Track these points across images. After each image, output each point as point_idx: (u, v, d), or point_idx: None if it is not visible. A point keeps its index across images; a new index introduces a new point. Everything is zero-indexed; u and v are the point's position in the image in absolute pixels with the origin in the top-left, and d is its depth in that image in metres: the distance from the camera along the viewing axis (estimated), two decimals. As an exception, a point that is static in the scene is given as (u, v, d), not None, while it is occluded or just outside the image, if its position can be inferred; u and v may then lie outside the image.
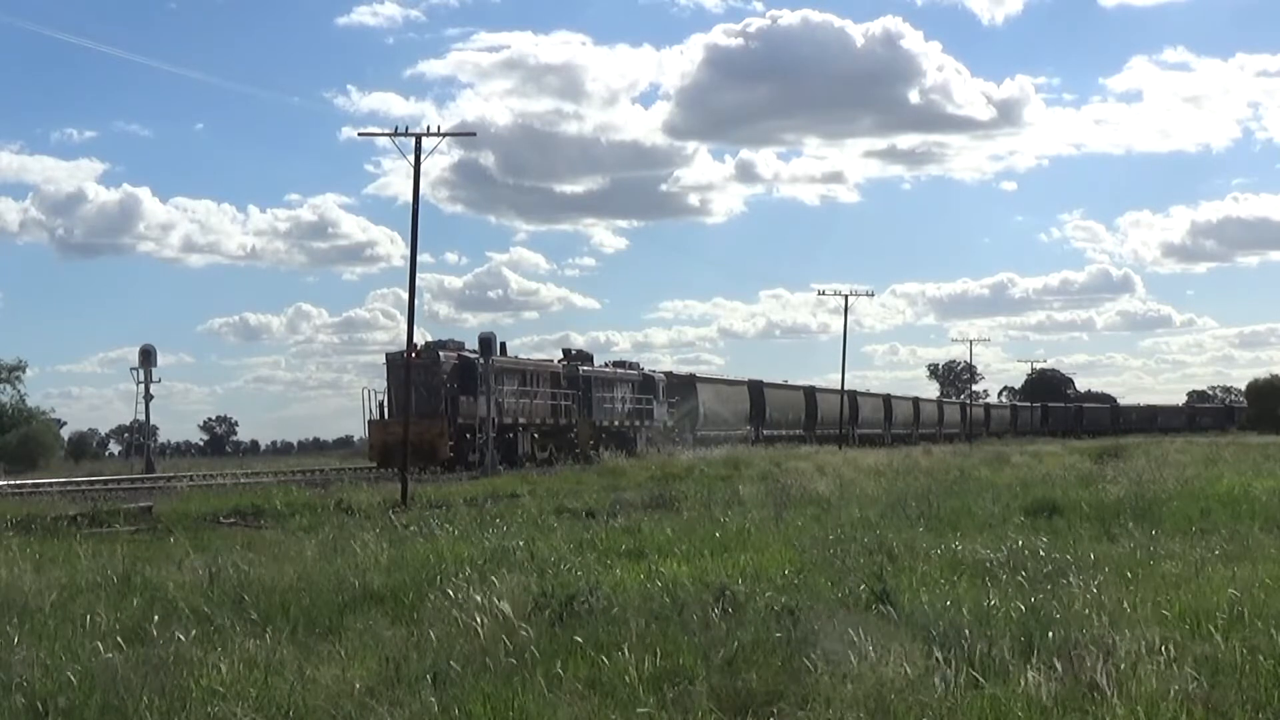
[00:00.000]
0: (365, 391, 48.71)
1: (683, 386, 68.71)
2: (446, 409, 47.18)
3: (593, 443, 56.07)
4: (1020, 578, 13.09)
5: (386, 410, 47.44)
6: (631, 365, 64.81)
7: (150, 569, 15.21)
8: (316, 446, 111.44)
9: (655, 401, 63.65)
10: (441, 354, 48.30)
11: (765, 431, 74.80)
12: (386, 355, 49.29)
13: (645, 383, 63.68)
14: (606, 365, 62.82)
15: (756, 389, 78.30)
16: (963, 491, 26.10)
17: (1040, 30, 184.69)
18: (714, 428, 69.47)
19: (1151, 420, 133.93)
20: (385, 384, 48.15)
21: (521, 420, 51.62)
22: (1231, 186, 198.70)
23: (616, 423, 59.79)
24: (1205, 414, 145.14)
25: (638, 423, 61.89)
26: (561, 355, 60.38)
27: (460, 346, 50.28)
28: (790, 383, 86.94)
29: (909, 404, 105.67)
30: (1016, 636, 9.94)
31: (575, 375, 57.20)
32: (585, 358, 60.90)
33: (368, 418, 47.95)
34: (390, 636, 10.90)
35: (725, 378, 79.18)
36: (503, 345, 51.81)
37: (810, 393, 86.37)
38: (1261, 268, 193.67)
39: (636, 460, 48.53)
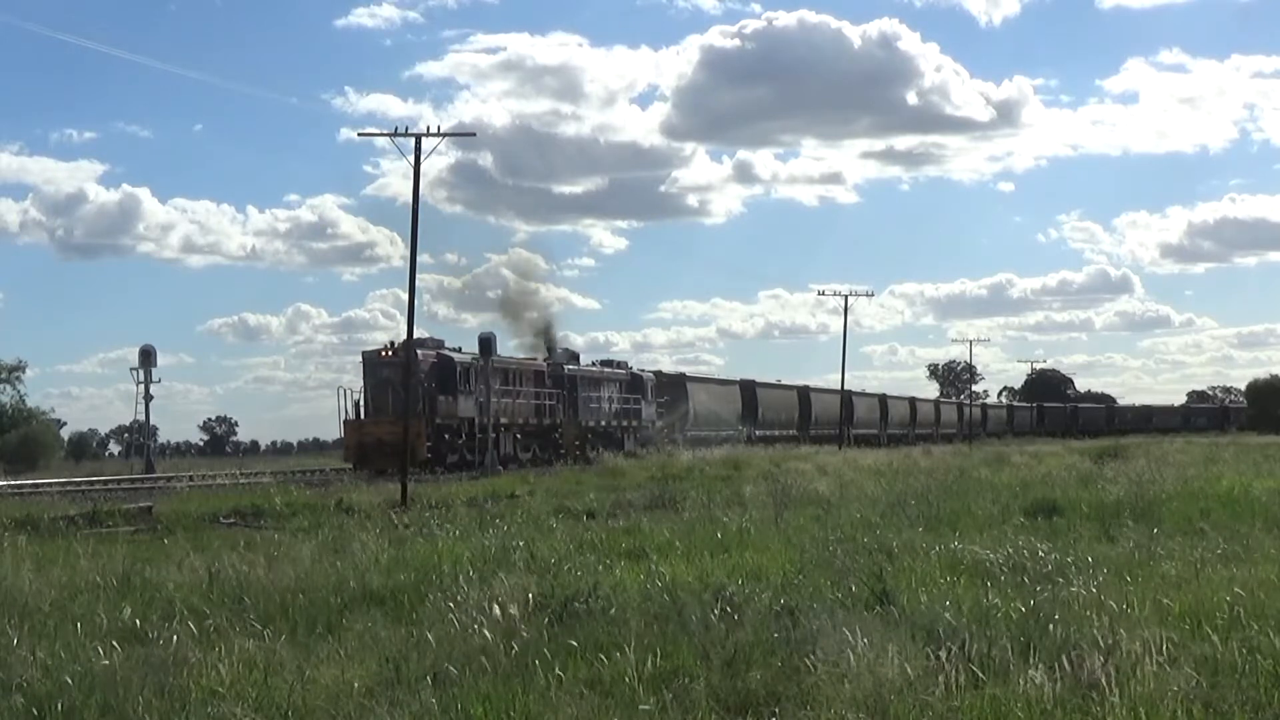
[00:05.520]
0: (340, 391, 47.60)
1: (672, 386, 67.64)
2: (424, 408, 46.46)
3: (578, 444, 55.24)
4: (1020, 578, 13.09)
5: (363, 410, 46.74)
6: (619, 364, 63.65)
7: (150, 569, 15.21)
8: (316, 446, 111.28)
9: (644, 401, 62.53)
10: (420, 352, 47.65)
11: (758, 432, 73.80)
12: (363, 354, 48.41)
13: (633, 382, 62.49)
14: (594, 364, 61.69)
15: (749, 389, 77.40)
16: (962, 492, 26.08)
17: (1038, 32, 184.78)
18: (705, 428, 68.56)
19: (1147, 420, 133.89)
20: (362, 383, 47.24)
21: (503, 420, 50.41)
22: (1229, 187, 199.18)
23: (603, 423, 58.72)
24: (1201, 414, 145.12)
25: (625, 423, 60.75)
26: (546, 354, 59.15)
27: (439, 345, 49.17)
28: (784, 382, 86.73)
29: (905, 404, 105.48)
30: (1016, 636, 9.93)
31: (560, 374, 55.99)
32: (571, 356, 59.78)
33: (343, 418, 46.98)
34: (390, 637, 10.90)
35: (717, 377, 78.66)
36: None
37: (804, 392, 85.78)
38: (1260, 268, 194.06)
39: (637, 460, 48.39)
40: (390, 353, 46.92)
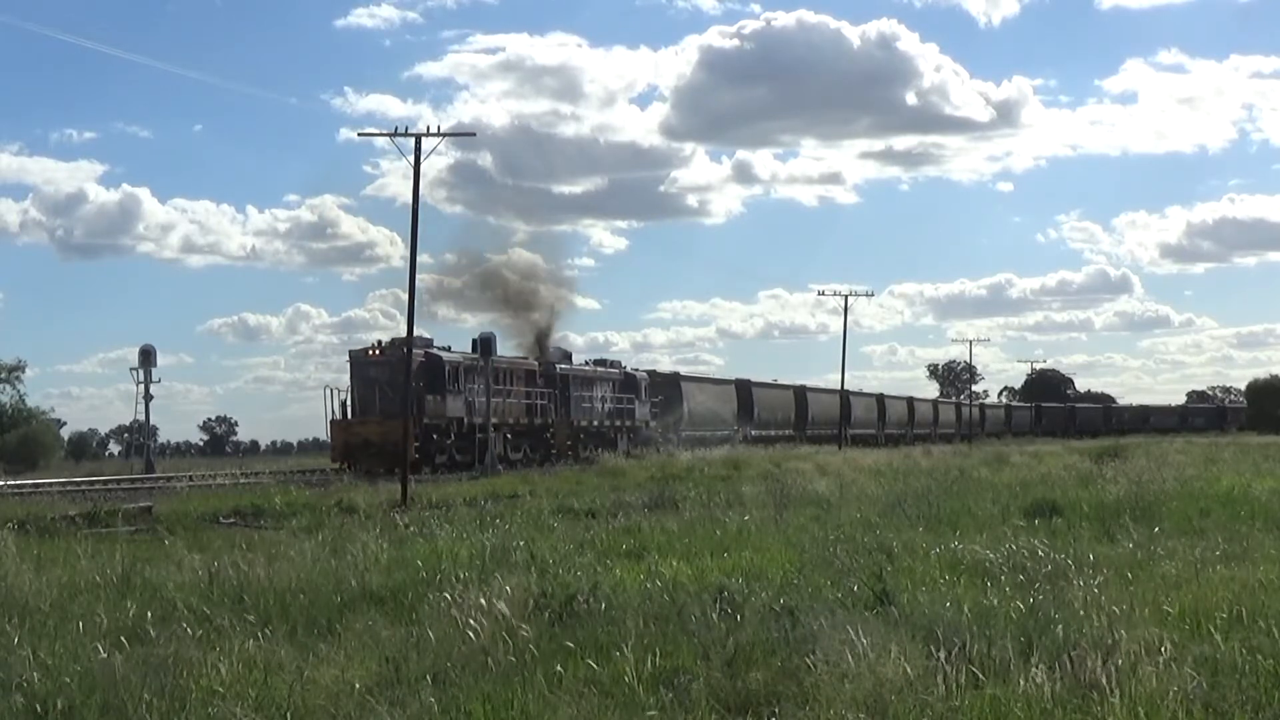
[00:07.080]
0: (327, 390, 46.98)
1: (667, 385, 67.11)
2: (412, 408, 46.26)
3: (571, 444, 54.89)
4: (1020, 578, 13.09)
5: (350, 410, 46.33)
6: (613, 364, 63.15)
7: (150, 569, 15.21)
8: (316, 446, 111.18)
9: (638, 401, 62.03)
10: None
11: (754, 432, 73.33)
12: (350, 353, 47.97)
13: (627, 381, 61.97)
14: (586, 363, 61.19)
15: (744, 388, 76.85)
16: (962, 492, 26.08)
17: (1037, 32, 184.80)
18: (700, 428, 68.12)
19: (1144, 420, 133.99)
20: (349, 383, 46.77)
21: (493, 419, 49.66)
22: (1228, 187, 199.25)
23: (596, 423, 58.18)
24: (1198, 414, 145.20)
25: (619, 423, 60.23)
26: (539, 352, 58.61)
27: (428, 344, 48.34)
28: (780, 382, 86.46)
29: (903, 404, 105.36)
30: (1016, 636, 9.93)
31: (552, 373, 55.43)
32: (564, 356, 59.23)
33: (330, 417, 46.43)
34: (390, 637, 10.90)
35: (712, 376, 78.27)
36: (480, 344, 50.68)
37: (801, 392, 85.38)
38: (1259, 268, 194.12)
39: (637, 461, 48.30)
40: (378, 352, 46.74)
